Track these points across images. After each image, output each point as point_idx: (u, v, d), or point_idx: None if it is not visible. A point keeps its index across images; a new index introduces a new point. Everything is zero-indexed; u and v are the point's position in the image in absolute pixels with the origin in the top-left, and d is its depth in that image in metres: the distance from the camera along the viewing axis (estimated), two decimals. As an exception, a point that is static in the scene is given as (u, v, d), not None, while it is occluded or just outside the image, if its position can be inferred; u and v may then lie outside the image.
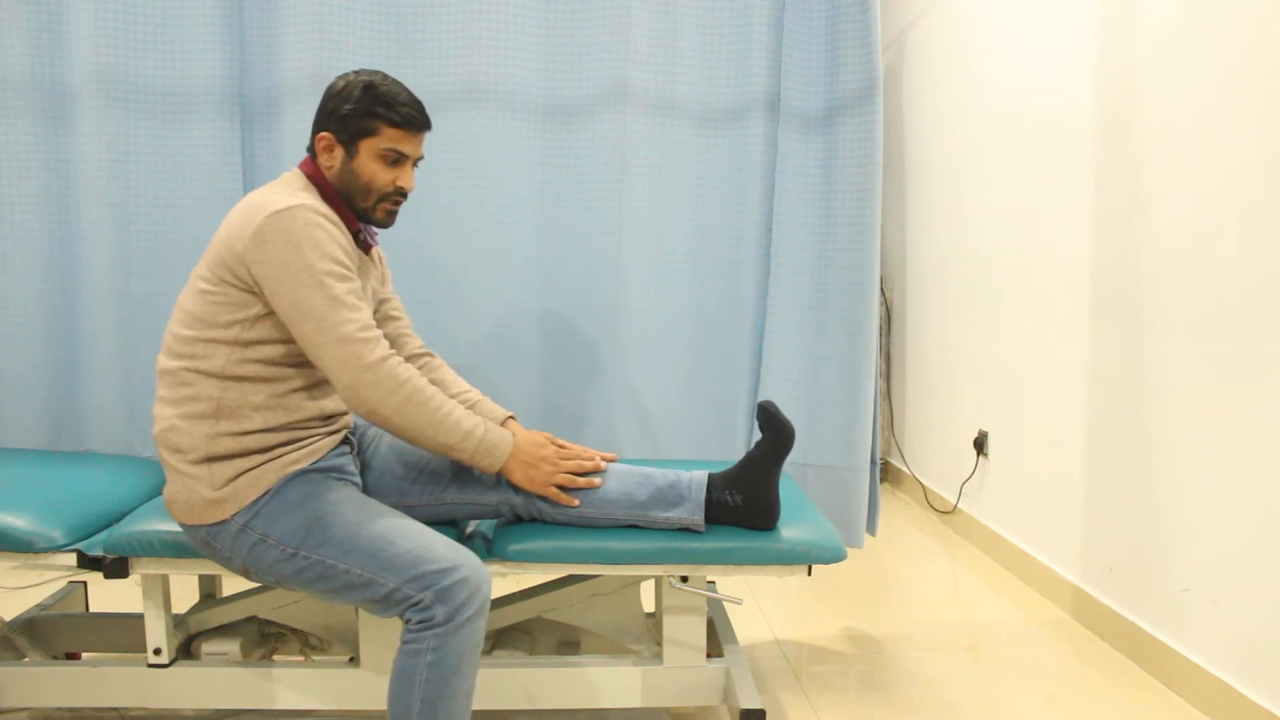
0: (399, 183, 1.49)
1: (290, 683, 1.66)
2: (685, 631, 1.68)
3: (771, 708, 1.93)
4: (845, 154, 2.11)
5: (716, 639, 1.88)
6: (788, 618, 2.42)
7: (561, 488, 1.53)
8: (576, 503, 1.53)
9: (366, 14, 2.02)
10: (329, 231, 1.39)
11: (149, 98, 2.00)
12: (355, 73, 1.49)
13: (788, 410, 2.17)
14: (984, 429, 3.01)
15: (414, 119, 1.47)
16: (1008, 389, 2.84)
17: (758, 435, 2.15)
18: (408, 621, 1.35)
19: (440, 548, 1.37)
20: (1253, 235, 1.81)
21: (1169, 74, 2.05)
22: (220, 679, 1.66)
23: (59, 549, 1.55)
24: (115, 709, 1.86)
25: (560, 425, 2.14)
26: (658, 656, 1.73)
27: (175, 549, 1.53)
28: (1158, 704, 1.98)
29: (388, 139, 1.46)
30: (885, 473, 3.96)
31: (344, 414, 1.57)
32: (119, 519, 1.68)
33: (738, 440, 2.18)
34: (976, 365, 3.06)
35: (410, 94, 1.49)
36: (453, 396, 1.69)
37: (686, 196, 2.13)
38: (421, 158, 1.53)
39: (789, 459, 2.18)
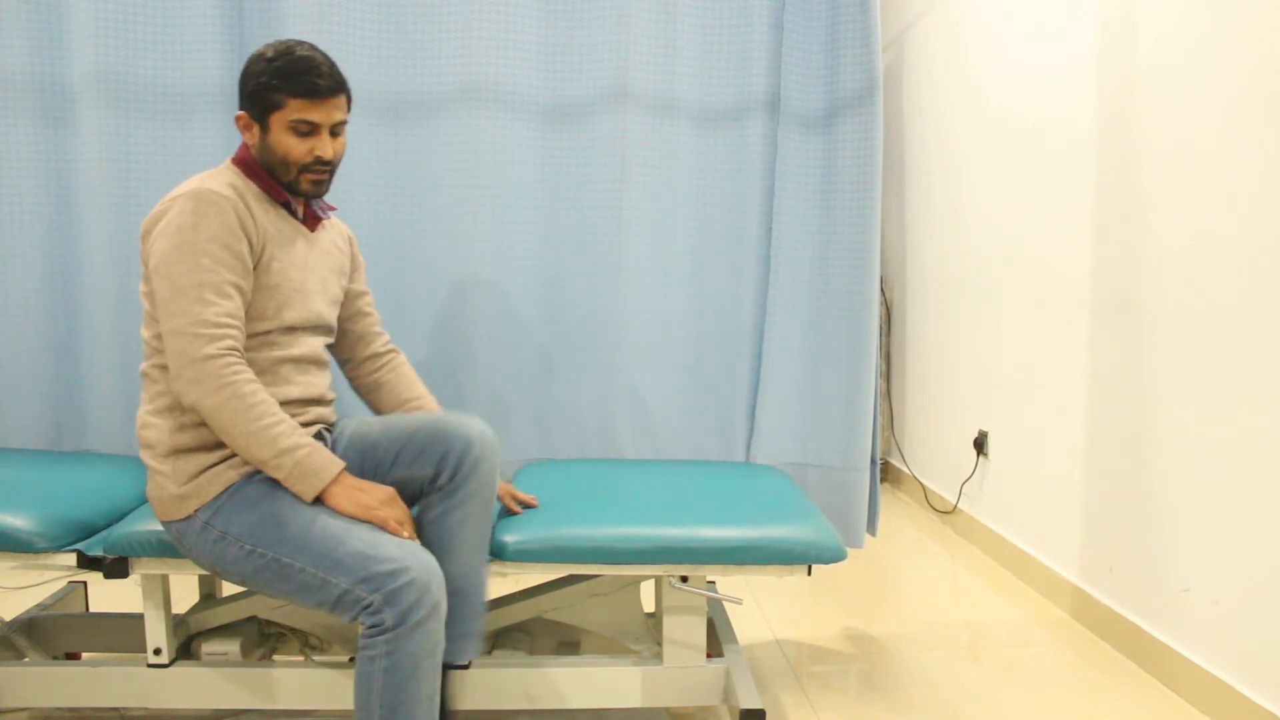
0: (316, 152, 1.45)
1: (290, 683, 1.66)
2: (685, 631, 1.68)
3: (771, 708, 1.93)
4: (845, 154, 2.11)
5: (716, 639, 1.88)
6: (788, 618, 2.42)
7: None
8: (406, 534, 1.41)
9: (366, 14, 2.02)
10: (213, 219, 1.37)
11: (149, 98, 2.00)
12: (271, 44, 1.44)
13: (788, 410, 2.17)
14: (984, 429, 3.01)
15: (316, 87, 1.42)
16: (1008, 389, 2.84)
17: (758, 436, 2.15)
18: (363, 625, 1.34)
19: (391, 548, 1.35)
20: (1253, 235, 1.81)
21: (1169, 74, 2.05)
22: (220, 679, 1.66)
23: (59, 549, 1.55)
24: (115, 709, 1.86)
25: (560, 425, 2.14)
26: (658, 656, 1.73)
27: (175, 549, 1.53)
28: (1158, 704, 1.98)
29: (294, 110, 1.42)
30: (885, 473, 3.96)
31: (315, 405, 1.56)
32: (119, 519, 1.68)
33: (738, 440, 2.18)
34: (976, 365, 3.06)
35: (320, 60, 1.43)
36: (404, 401, 1.71)
37: (686, 196, 2.13)
38: (343, 123, 1.49)
39: (790, 458, 2.18)
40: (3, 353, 2.01)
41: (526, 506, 1.68)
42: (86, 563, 1.56)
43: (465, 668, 1.57)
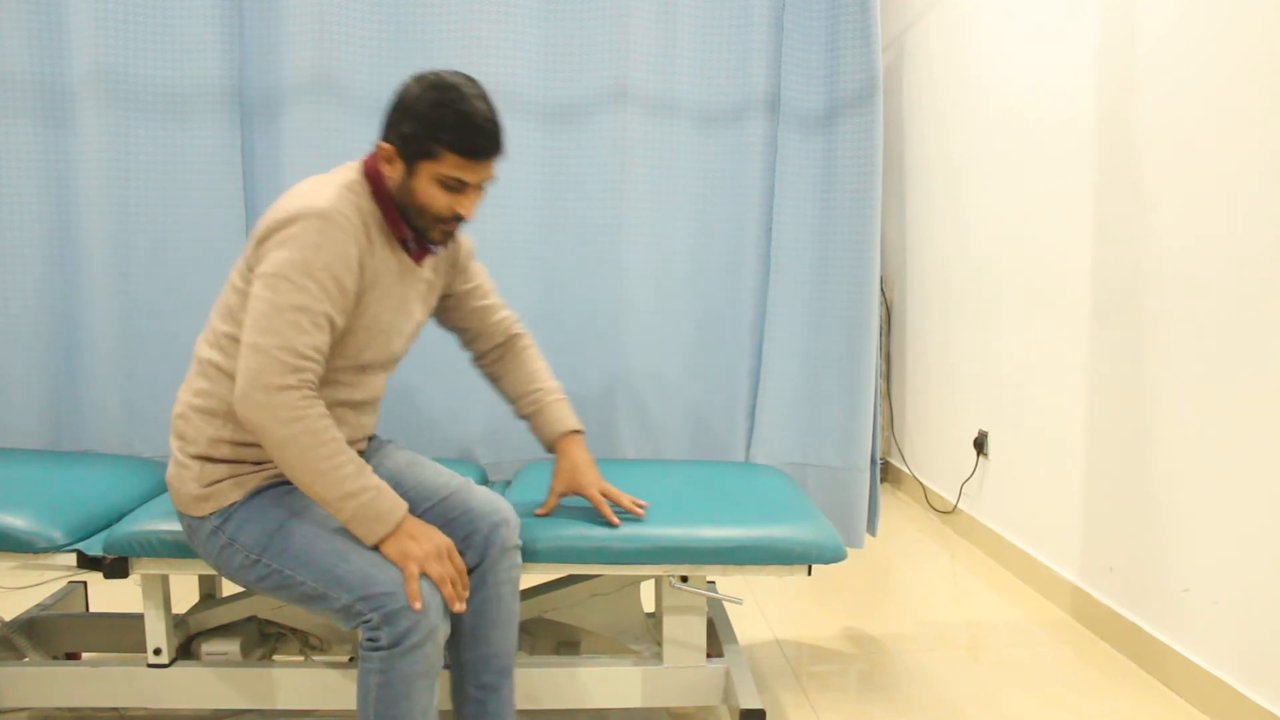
0: (458, 209, 1.38)
1: (290, 683, 1.66)
2: (685, 631, 1.68)
3: (771, 708, 1.93)
4: (845, 154, 2.11)
5: (716, 639, 1.88)
6: (788, 618, 2.42)
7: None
8: (417, 606, 1.32)
9: (367, 14, 2.02)
10: (335, 247, 1.31)
11: (149, 98, 2.00)
12: (434, 77, 1.34)
13: (788, 410, 2.17)
14: (984, 429, 3.00)
15: (482, 149, 1.34)
16: (1008, 389, 2.84)
17: (758, 436, 2.15)
18: (361, 635, 1.34)
19: (393, 568, 1.33)
20: (1253, 235, 1.81)
21: (1169, 74, 2.05)
22: (220, 679, 1.66)
23: (59, 549, 1.55)
24: (115, 709, 1.85)
25: (560, 425, 2.14)
26: (658, 656, 1.73)
27: (175, 549, 1.53)
28: (1158, 704, 1.98)
29: (449, 166, 1.34)
30: (885, 473, 3.96)
31: (357, 441, 1.54)
32: (119, 519, 1.68)
33: (737, 440, 2.18)
34: (976, 365, 3.06)
35: (485, 114, 1.34)
36: (520, 395, 1.65)
37: (686, 196, 2.13)
38: (491, 179, 1.40)
39: (790, 458, 2.18)
40: (3, 353, 2.01)
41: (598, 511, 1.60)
42: (86, 563, 1.56)
43: None
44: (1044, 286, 2.60)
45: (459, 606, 1.36)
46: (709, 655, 1.82)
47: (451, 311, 1.65)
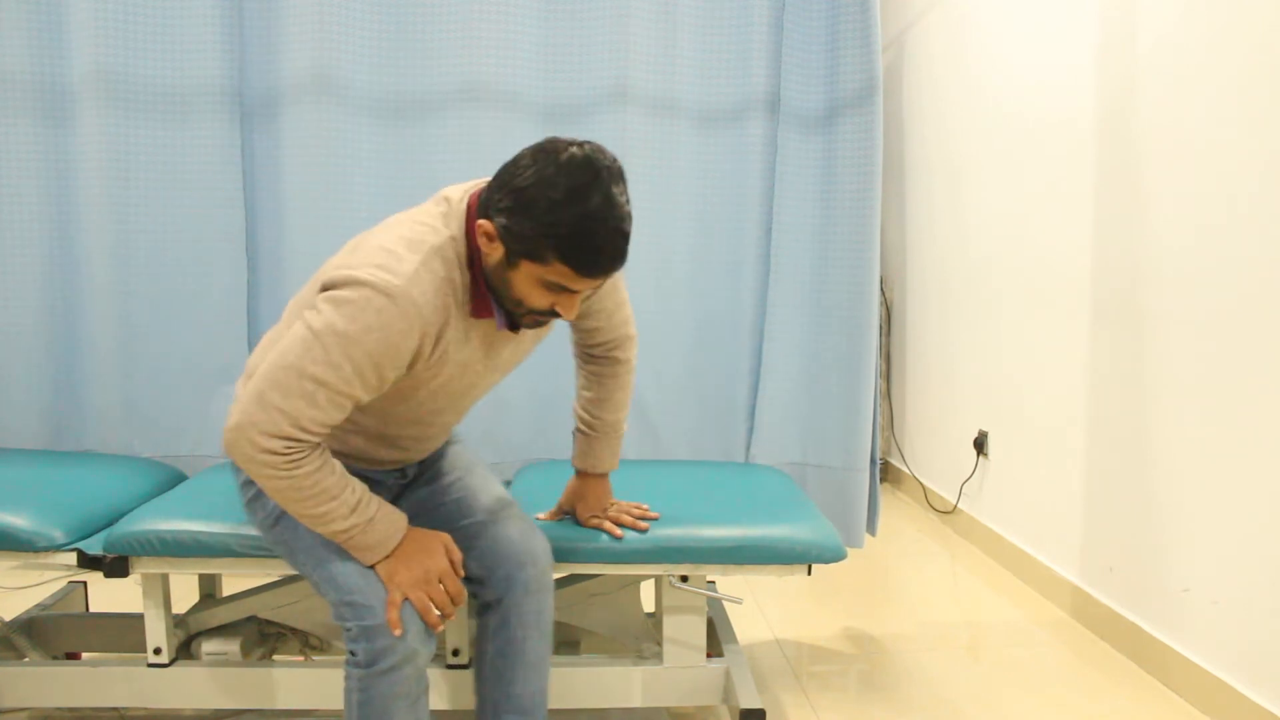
0: (557, 308, 1.22)
1: (290, 683, 1.66)
2: (685, 631, 1.68)
3: (771, 708, 1.93)
4: (845, 154, 2.11)
5: (716, 639, 1.88)
6: (788, 618, 2.42)
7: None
8: (397, 632, 1.29)
9: (367, 14, 2.02)
10: (390, 337, 1.18)
11: (149, 98, 2.00)
12: (562, 158, 1.14)
13: (787, 410, 2.17)
14: (984, 429, 3.00)
15: (600, 270, 1.17)
16: (1008, 389, 2.84)
17: (758, 436, 2.15)
18: (345, 643, 1.32)
19: (381, 584, 1.31)
20: (1253, 235, 1.81)
21: (1169, 74, 2.05)
22: (220, 679, 1.66)
23: (59, 549, 1.55)
24: (115, 709, 1.86)
25: (560, 425, 2.14)
26: (658, 656, 1.73)
27: (175, 548, 1.54)
28: (1158, 704, 1.98)
29: (556, 274, 1.17)
30: (885, 473, 3.96)
31: (400, 466, 1.51)
32: (119, 519, 1.68)
33: (737, 440, 2.18)
34: (976, 365, 3.06)
35: (614, 224, 1.14)
36: (581, 413, 1.56)
37: (686, 196, 2.13)
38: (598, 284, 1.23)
39: (790, 458, 2.18)
40: (3, 352, 2.01)
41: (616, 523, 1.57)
42: (86, 562, 1.56)
43: None
44: (1044, 286, 2.60)
45: (439, 629, 1.35)
46: (709, 655, 1.82)
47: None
